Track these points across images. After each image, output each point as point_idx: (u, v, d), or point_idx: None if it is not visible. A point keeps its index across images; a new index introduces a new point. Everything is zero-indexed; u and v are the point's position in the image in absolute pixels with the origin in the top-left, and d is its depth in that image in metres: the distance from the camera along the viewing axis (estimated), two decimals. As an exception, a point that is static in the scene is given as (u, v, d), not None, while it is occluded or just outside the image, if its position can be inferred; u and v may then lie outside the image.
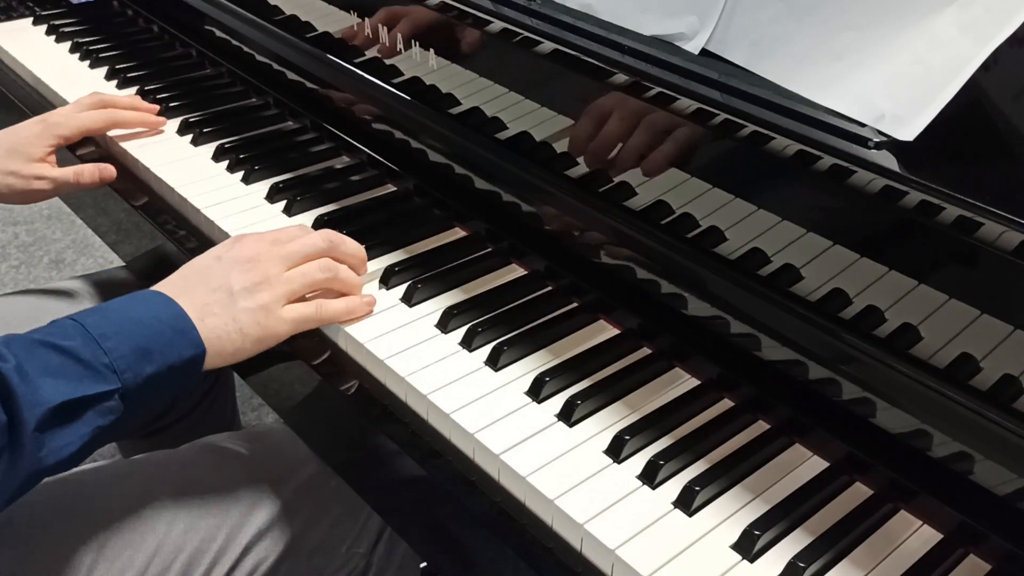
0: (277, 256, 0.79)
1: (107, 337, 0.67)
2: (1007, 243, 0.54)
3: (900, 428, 0.65)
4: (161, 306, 0.72)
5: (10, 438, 0.61)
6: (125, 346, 0.67)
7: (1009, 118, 0.63)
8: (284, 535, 0.85)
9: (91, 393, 0.65)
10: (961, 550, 0.64)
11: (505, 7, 0.81)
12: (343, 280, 0.81)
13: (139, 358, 0.67)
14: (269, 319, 0.76)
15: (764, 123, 0.64)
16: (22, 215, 2.39)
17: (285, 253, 0.79)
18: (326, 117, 1.07)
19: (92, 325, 0.67)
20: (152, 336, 0.69)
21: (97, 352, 0.66)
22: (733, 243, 0.70)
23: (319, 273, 0.80)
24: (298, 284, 0.78)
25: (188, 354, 0.71)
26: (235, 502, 0.84)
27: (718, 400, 0.74)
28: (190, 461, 0.87)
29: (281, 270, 0.78)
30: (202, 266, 0.78)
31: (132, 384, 0.67)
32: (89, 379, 0.65)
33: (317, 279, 0.80)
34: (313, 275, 0.79)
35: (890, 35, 0.62)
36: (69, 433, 0.64)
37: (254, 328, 0.75)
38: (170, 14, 1.31)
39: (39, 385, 0.62)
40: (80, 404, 0.64)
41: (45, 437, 0.63)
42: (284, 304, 0.77)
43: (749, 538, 0.62)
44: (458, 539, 0.73)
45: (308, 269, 0.79)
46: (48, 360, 0.64)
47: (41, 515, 0.78)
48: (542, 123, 0.82)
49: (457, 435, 0.71)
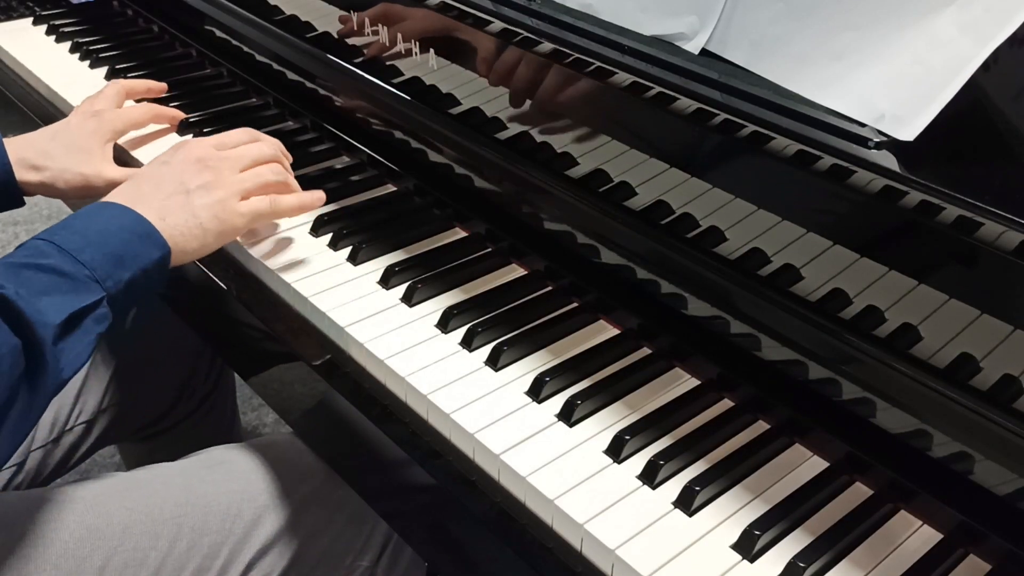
0: (227, 158, 0.83)
1: (81, 250, 0.69)
2: (1007, 243, 0.54)
3: (900, 428, 0.65)
4: (121, 215, 0.75)
5: (31, 358, 0.63)
6: (100, 257, 0.70)
7: (1009, 118, 0.63)
8: (288, 549, 0.85)
9: (86, 304, 0.68)
10: (961, 550, 0.64)
11: (505, 7, 0.81)
12: (293, 184, 0.86)
13: (115, 266, 0.71)
14: (226, 212, 0.80)
15: (764, 123, 0.64)
16: (22, 215, 2.39)
17: (235, 155, 0.84)
18: (326, 117, 1.07)
19: (63, 241, 0.70)
20: (121, 244, 0.72)
21: (77, 266, 0.69)
22: (733, 243, 0.70)
23: (271, 175, 0.85)
24: (251, 183, 0.83)
25: (156, 255, 0.74)
26: (238, 518, 0.83)
27: (718, 400, 0.74)
28: (192, 475, 0.86)
29: (233, 170, 0.83)
30: (151, 172, 0.82)
31: (114, 290, 0.70)
32: (79, 291, 0.68)
33: (269, 179, 0.84)
34: (265, 176, 0.84)
35: (890, 35, 0.62)
36: (76, 342, 0.67)
37: (213, 222, 0.79)
38: (170, 14, 1.31)
39: (40, 305, 0.65)
40: (79, 315, 0.68)
41: (59, 351, 0.66)
42: (239, 200, 0.81)
43: (749, 538, 0.62)
44: (458, 539, 0.73)
45: (260, 170, 0.84)
46: (38, 280, 0.67)
47: (43, 531, 0.77)
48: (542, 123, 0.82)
49: (457, 435, 0.71)
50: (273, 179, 0.85)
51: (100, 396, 1.06)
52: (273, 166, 0.86)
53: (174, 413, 1.18)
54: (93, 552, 0.77)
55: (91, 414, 1.06)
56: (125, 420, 1.11)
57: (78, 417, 1.05)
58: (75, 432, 1.05)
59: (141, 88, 1.08)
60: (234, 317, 0.91)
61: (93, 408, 1.06)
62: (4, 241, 2.31)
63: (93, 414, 1.06)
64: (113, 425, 1.09)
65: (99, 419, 1.07)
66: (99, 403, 1.06)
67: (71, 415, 1.04)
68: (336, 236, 0.89)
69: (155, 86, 1.10)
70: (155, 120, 1.07)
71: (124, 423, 1.11)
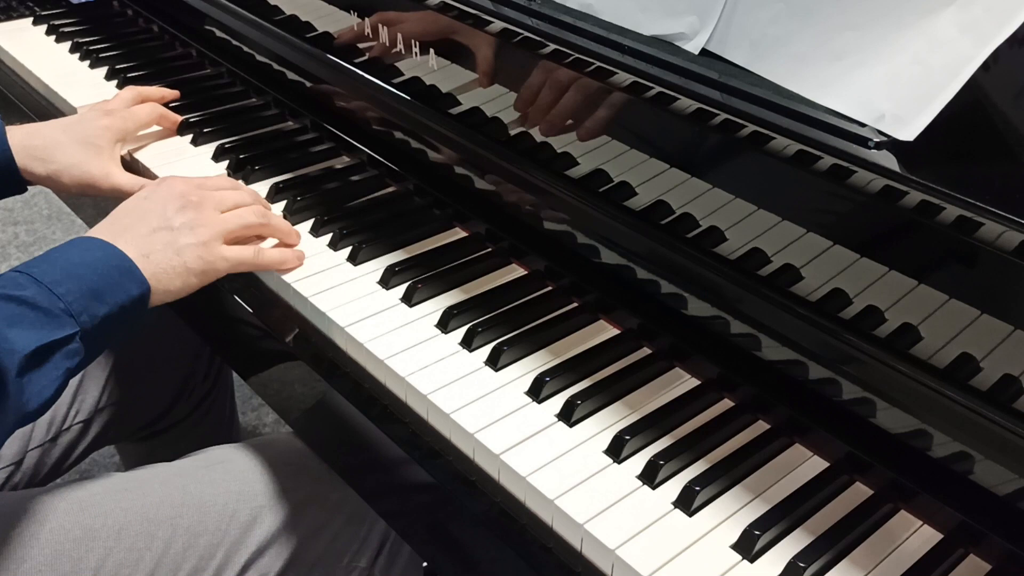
0: (210, 198, 0.83)
1: (58, 283, 0.69)
2: (1007, 243, 0.54)
3: (900, 428, 0.65)
4: (101, 249, 0.75)
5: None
6: (76, 291, 0.70)
7: (1009, 118, 0.63)
8: (285, 550, 0.85)
9: (57, 338, 0.67)
10: (961, 550, 0.64)
11: (505, 7, 0.81)
12: (275, 227, 0.87)
13: (92, 301, 0.70)
14: (210, 255, 0.80)
15: (764, 123, 0.64)
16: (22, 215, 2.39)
17: (218, 198, 0.84)
18: (326, 117, 1.07)
19: (41, 274, 0.69)
20: (99, 279, 0.72)
21: (52, 299, 0.68)
22: (733, 243, 0.70)
23: (253, 217, 0.85)
24: (233, 224, 0.83)
25: (136, 292, 0.74)
26: (234, 518, 0.83)
27: (718, 400, 0.74)
28: (189, 475, 0.86)
29: (216, 210, 0.83)
30: (133, 207, 0.81)
31: (89, 326, 0.70)
32: (51, 325, 0.67)
33: (251, 222, 0.84)
34: (247, 218, 0.84)
35: (890, 35, 0.62)
36: (43, 376, 0.67)
37: (197, 262, 0.79)
38: (170, 14, 1.31)
39: (9, 335, 0.65)
40: (49, 349, 0.67)
41: (24, 383, 0.65)
42: (222, 242, 0.81)
43: (749, 538, 0.62)
44: (458, 539, 0.73)
45: (243, 212, 0.85)
46: (9, 311, 0.66)
47: (38, 532, 0.77)
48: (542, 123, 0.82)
49: (457, 435, 0.71)
50: (255, 221, 0.85)
51: (98, 395, 1.06)
52: (255, 208, 0.86)
53: (173, 413, 1.18)
54: (88, 553, 0.77)
55: (88, 413, 1.06)
56: (123, 420, 1.11)
57: (75, 416, 1.05)
58: (72, 431, 1.05)
59: (156, 96, 1.07)
60: (234, 317, 0.91)
61: (91, 407, 1.06)
62: (4, 241, 2.31)
63: (91, 413, 1.06)
64: (111, 425, 1.09)
65: (97, 418, 1.07)
66: (97, 402, 1.06)
67: (68, 414, 1.04)
68: (336, 236, 0.89)
69: (168, 93, 1.10)
70: (159, 122, 1.07)
71: (122, 423, 1.11)
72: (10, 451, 0.99)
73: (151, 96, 1.07)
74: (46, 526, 0.78)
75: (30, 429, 1.00)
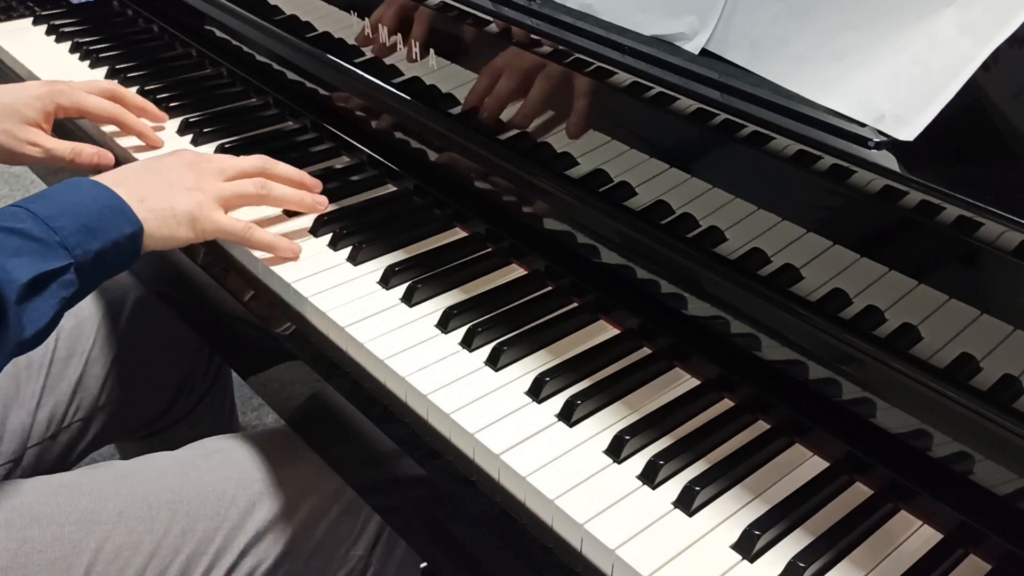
0: (214, 166, 0.87)
1: (54, 218, 0.72)
2: (1007, 243, 0.54)
3: (900, 428, 0.65)
4: (96, 190, 0.78)
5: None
6: (72, 225, 0.73)
7: (1009, 118, 0.63)
8: (282, 537, 0.85)
9: (53, 268, 0.71)
10: (961, 550, 0.64)
11: (505, 7, 0.81)
12: (277, 197, 0.89)
13: (86, 235, 0.74)
14: (201, 212, 0.83)
15: (764, 123, 0.64)
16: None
17: (222, 166, 0.87)
18: (326, 117, 1.07)
19: (38, 209, 0.73)
20: (93, 216, 0.75)
21: (48, 232, 0.72)
22: (733, 243, 0.70)
23: (251, 187, 0.88)
24: (230, 192, 0.86)
25: (128, 231, 0.77)
26: (233, 504, 0.84)
27: (718, 400, 0.74)
28: (188, 463, 0.87)
29: (217, 178, 0.86)
30: (140, 164, 0.87)
31: (83, 259, 0.73)
32: (48, 256, 0.71)
33: (249, 191, 0.87)
34: (245, 187, 0.87)
35: (890, 35, 0.62)
36: (41, 303, 0.70)
37: (187, 218, 0.82)
38: (170, 14, 1.31)
39: (7, 265, 0.68)
40: (45, 278, 0.70)
41: (22, 310, 0.69)
42: (217, 207, 0.85)
43: (749, 538, 0.62)
44: (458, 539, 0.73)
45: (242, 182, 0.88)
46: (8, 242, 0.70)
47: (38, 516, 0.78)
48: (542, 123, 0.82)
49: (457, 435, 0.71)
50: (252, 191, 0.88)
51: (97, 393, 1.07)
52: (256, 180, 0.89)
53: (172, 411, 1.18)
54: (88, 536, 0.78)
55: (88, 411, 1.06)
56: (123, 418, 1.11)
57: (75, 414, 1.05)
58: (72, 429, 1.05)
59: (136, 103, 1.06)
60: (233, 316, 0.91)
61: (90, 405, 1.06)
62: (3, 241, 2.31)
63: (90, 411, 1.06)
64: (111, 423, 1.09)
65: (96, 416, 1.07)
66: (96, 400, 1.06)
67: (68, 412, 1.04)
68: (336, 236, 0.89)
69: (151, 109, 1.07)
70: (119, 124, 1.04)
71: (122, 421, 1.11)
72: (9, 448, 0.99)
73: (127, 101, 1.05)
74: (45, 510, 0.78)
75: (29, 425, 1.00)
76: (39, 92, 0.99)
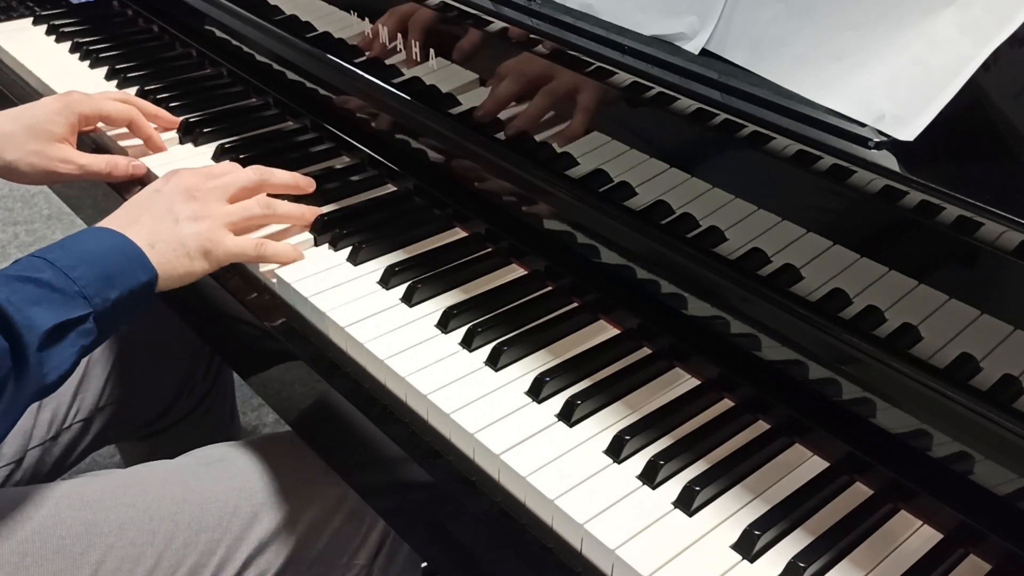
0: (215, 188, 0.87)
1: (73, 268, 0.73)
2: (1007, 243, 0.54)
3: (900, 428, 0.65)
4: (112, 239, 0.78)
5: (16, 360, 0.67)
6: (90, 275, 0.74)
7: (1009, 118, 0.63)
8: (285, 547, 0.85)
9: (72, 317, 0.72)
10: (961, 550, 0.64)
11: (505, 7, 0.81)
12: (282, 215, 0.90)
13: (104, 285, 0.74)
14: (212, 243, 0.83)
15: (764, 123, 0.64)
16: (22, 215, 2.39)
17: (222, 185, 0.87)
18: (326, 117, 1.07)
19: (56, 259, 0.73)
20: (110, 265, 0.76)
21: (68, 282, 0.72)
22: (733, 243, 0.70)
23: (257, 208, 0.88)
24: (237, 216, 0.86)
25: (144, 278, 0.78)
26: (235, 515, 0.83)
27: (718, 400, 0.74)
28: (190, 472, 0.87)
29: (221, 201, 0.86)
30: (144, 199, 0.85)
31: (101, 308, 0.74)
32: (67, 305, 0.72)
33: (255, 213, 0.88)
34: (251, 209, 0.87)
35: (890, 35, 0.62)
36: (61, 351, 0.71)
37: (200, 251, 0.82)
38: (170, 14, 1.31)
39: (29, 313, 0.69)
40: (65, 327, 0.71)
41: (43, 356, 0.69)
42: (226, 232, 0.85)
43: (749, 538, 0.62)
44: (458, 539, 0.73)
45: (247, 203, 0.88)
46: (29, 291, 0.70)
47: (40, 528, 0.78)
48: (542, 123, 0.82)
49: (457, 435, 0.71)
50: (259, 212, 0.88)
51: (98, 394, 1.07)
52: (260, 198, 0.89)
53: (173, 412, 1.18)
54: (89, 548, 0.78)
55: (89, 412, 1.06)
56: (123, 418, 1.11)
57: (76, 415, 1.05)
58: (73, 430, 1.05)
59: (148, 109, 1.06)
60: (233, 316, 0.91)
61: (91, 406, 1.06)
62: (4, 241, 2.31)
63: (91, 412, 1.06)
64: (111, 423, 1.09)
65: (97, 417, 1.07)
66: (97, 400, 1.07)
67: (68, 413, 1.04)
68: (336, 236, 0.89)
69: (164, 115, 1.08)
70: (132, 127, 1.04)
71: (122, 421, 1.11)
72: (10, 449, 0.99)
73: (144, 109, 1.05)
74: (47, 521, 0.78)
75: (30, 427, 1.00)
76: (57, 106, 0.98)
